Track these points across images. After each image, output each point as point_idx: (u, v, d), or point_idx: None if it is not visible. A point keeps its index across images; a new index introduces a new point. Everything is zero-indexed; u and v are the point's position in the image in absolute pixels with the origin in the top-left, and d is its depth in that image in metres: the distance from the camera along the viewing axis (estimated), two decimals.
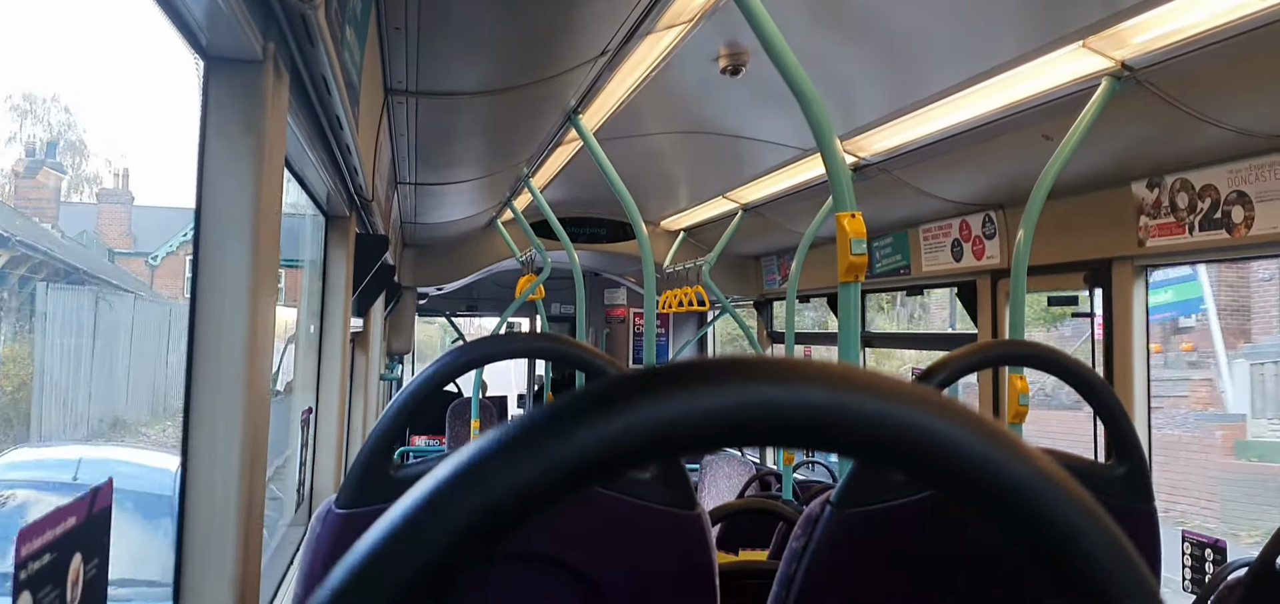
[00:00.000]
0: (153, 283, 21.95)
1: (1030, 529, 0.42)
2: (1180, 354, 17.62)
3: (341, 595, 0.40)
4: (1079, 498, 0.42)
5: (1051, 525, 0.42)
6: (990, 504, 0.42)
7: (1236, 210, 3.62)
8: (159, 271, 22.60)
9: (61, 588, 1.16)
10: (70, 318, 10.21)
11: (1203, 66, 3.06)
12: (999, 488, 0.42)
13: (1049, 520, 0.42)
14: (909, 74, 3.84)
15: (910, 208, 5.55)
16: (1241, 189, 3.59)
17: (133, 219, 23.53)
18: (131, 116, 60.79)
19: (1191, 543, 3.91)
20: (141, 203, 24.36)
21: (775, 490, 5.86)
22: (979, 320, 5.41)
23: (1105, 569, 0.42)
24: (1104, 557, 0.42)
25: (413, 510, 0.40)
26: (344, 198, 3.58)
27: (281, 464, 3.88)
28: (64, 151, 28.66)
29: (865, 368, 0.44)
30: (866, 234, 2.54)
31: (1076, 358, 1.72)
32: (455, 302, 12.24)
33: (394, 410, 1.53)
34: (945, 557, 1.52)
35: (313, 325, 4.12)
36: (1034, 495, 0.42)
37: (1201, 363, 17.00)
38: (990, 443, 0.42)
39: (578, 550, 1.53)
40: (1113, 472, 1.69)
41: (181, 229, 21.78)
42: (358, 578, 0.40)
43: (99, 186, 25.43)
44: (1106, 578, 0.42)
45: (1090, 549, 0.42)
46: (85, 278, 11.42)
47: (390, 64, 3.33)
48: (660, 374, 0.42)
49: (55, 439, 9.58)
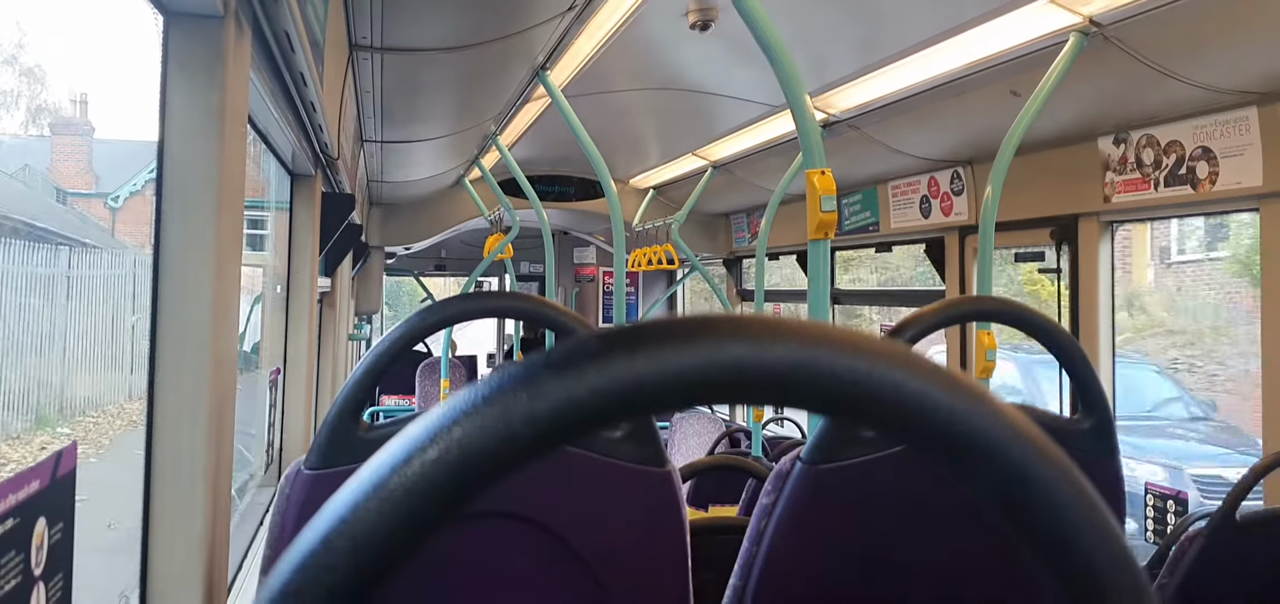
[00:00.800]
0: (114, 228, 19.01)
1: (999, 483, 0.42)
2: None
3: (311, 556, 0.39)
4: (1048, 451, 0.42)
5: (1021, 480, 0.42)
6: (959, 459, 0.42)
7: (1201, 166, 3.64)
8: (122, 215, 19.51)
9: (26, 552, 1.15)
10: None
11: (1169, 22, 3.07)
12: (968, 442, 0.42)
13: (1018, 475, 0.42)
14: (879, 29, 3.84)
15: (879, 164, 5.56)
16: (1207, 145, 3.62)
17: (93, 154, 20.23)
18: (92, 35, 55.15)
19: (1154, 494, 3.96)
20: (105, 135, 21.01)
21: (745, 447, 5.89)
22: (946, 277, 5.44)
23: (1073, 522, 0.42)
24: (1072, 510, 0.42)
25: (382, 472, 0.40)
26: (309, 156, 3.55)
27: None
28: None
29: (836, 325, 0.44)
30: (836, 191, 2.54)
31: (1044, 313, 1.73)
32: (423, 261, 12.19)
33: (363, 371, 1.52)
34: (916, 511, 1.53)
35: (279, 285, 4.09)
36: (1003, 450, 0.42)
37: None
38: (960, 398, 0.42)
39: (547, 509, 1.53)
40: (1079, 426, 1.70)
41: (149, 164, 18.60)
42: (325, 540, 0.39)
43: (53, 117, 21.70)
44: (1075, 530, 0.42)
45: (1058, 502, 0.42)
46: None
47: (355, 19, 3.29)
48: (631, 332, 0.41)
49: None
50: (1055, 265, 4.58)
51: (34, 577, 1.18)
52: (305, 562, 0.39)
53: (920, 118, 4.59)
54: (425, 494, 0.39)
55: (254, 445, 4.04)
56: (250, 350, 4.31)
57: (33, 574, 1.17)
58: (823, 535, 1.51)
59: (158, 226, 1.69)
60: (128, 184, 19.51)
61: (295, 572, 0.40)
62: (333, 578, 0.39)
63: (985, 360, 3.67)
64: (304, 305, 3.98)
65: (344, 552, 0.39)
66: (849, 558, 1.52)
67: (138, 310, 9.46)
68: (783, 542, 1.49)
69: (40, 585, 1.20)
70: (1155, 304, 13.85)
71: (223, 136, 1.71)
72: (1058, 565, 0.42)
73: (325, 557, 0.39)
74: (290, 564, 0.40)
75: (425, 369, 9.44)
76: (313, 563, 0.39)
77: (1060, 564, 0.42)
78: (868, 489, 1.52)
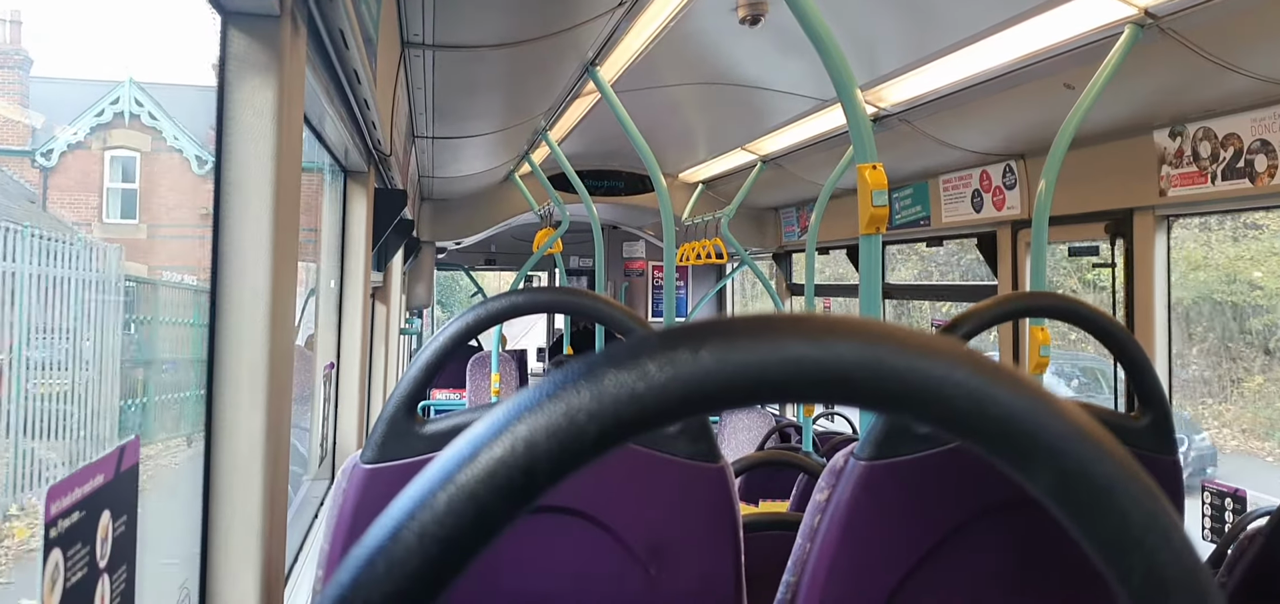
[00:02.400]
0: (46, 195, 14.14)
1: (1061, 482, 0.42)
2: None
3: (379, 551, 0.40)
4: (1112, 450, 0.42)
5: (1084, 478, 0.42)
6: (1021, 457, 0.42)
7: (1259, 159, 3.58)
8: (57, 177, 14.47)
9: (91, 545, 1.17)
10: None
11: (1227, 13, 3.02)
12: (1030, 441, 0.42)
13: (1081, 474, 0.42)
14: (930, 22, 3.81)
15: (930, 158, 5.51)
16: (1265, 138, 3.55)
17: (29, 94, 14.32)
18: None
19: (1211, 492, 3.90)
20: (46, 72, 16.22)
21: (795, 442, 5.88)
22: (999, 272, 5.39)
23: (1138, 522, 0.41)
24: (1138, 510, 0.42)
25: (449, 467, 0.41)
26: (362, 152, 3.58)
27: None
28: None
29: (893, 322, 0.44)
30: (887, 185, 2.53)
31: (1100, 309, 1.71)
32: (474, 256, 12.26)
33: (419, 366, 1.54)
34: (971, 508, 1.52)
35: (332, 280, 4.13)
36: (1065, 448, 0.42)
37: None
38: (1022, 395, 0.42)
39: (601, 503, 1.54)
40: (1137, 423, 1.69)
41: (96, 105, 14.87)
42: (393, 535, 0.40)
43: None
44: (1141, 531, 0.41)
45: (1123, 502, 0.42)
46: None
47: (407, 16, 3.32)
48: (694, 331, 0.42)
49: None
50: (1109, 260, 4.52)
51: (99, 569, 1.20)
52: (374, 557, 0.40)
53: (972, 111, 4.55)
54: (493, 490, 0.40)
55: (306, 440, 4.09)
56: (304, 344, 4.36)
57: (98, 566, 1.20)
58: (877, 532, 1.50)
59: (217, 222, 1.72)
60: (66, 134, 14.59)
61: (364, 566, 0.40)
62: (402, 573, 0.40)
63: (1039, 356, 3.63)
64: (357, 301, 4.02)
65: (412, 547, 0.40)
66: (904, 555, 1.51)
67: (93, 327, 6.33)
68: (837, 538, 1.49)
69: (105, 577, 1.23)
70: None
71: (280, 133, 1.74)
72: (1121, 566, 0.42)
73: (394, 551, 0.40)
74: (359, 559, 0.40)
75: (475, 363, 9.50)
76: (381, 558, 0.40)
77: (1123, 565, 0.42)
78: (923, 485, 1.51)
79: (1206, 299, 13.77)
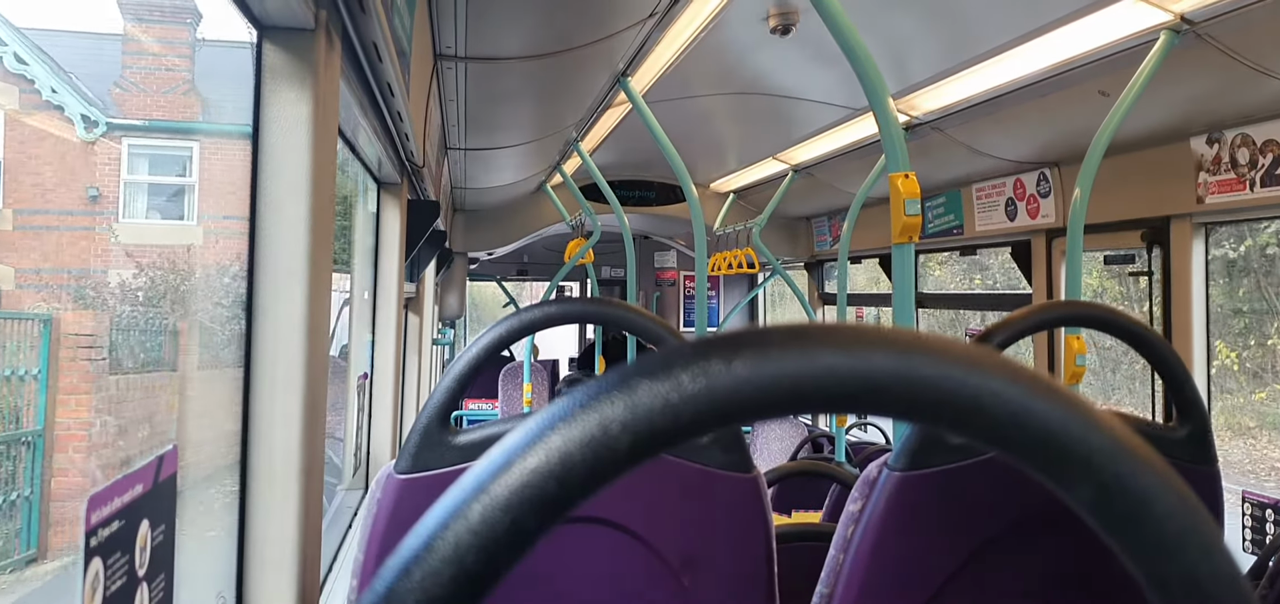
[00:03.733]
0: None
1: (1099, 493, 0.42)
2: None
3: (414, 561, 0.40)
4: (1150, 460, 0.42)
5: (1121, 490, 0.41)
6: (1058, 468, 0.42)
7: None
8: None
9: (130, 554, 1.19)
10: None
11: (1264, 18, 2.99)
12: (1067, 451, 0.42)
13: (1119, 485, 0.41)
14: (962, 29, 3.79)
15: (963, 166, 5.49)
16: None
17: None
18: None
19: (1252, 504, 3.86)
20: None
21: (827, 452, 5.86)
22: (1033, 280, 5.35)
23: (1176, 533, 0.41)
24: (1175, 521, 0.41)
25: (483, 478, 0.41)
26: (395, 164, 3.61)
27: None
28: None
29: (928, 332, 0.44)
30: (920, 194, 2.52)
31: (1137, 317, 1.70)
32: (506, 266, 12.30)
33: (452, 377, 1.55)
34: (1007, 519, 1.51)
35: (366, 292, 4.16)
36: (1103, 459, 0.41)
37: None
38: (1058, 405, 0.42)
39: (633, 513, 1.54)
40: (1175, 434, 1.67)
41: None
42: (428, 545, 0.40)
43: None
44: (1178, 542, 0.41)
45: (1161, 513, 0.41)
46: None
47: (439, 29, 3.34)
48: (727, 341, 0.42)
49: None
50: (1146, 268, 4.48)
51: (138, 577, 1.22)
52: (409, 566, 0.40)
53: (1005, 119, 4.52)
54: (526, 501, 0.40)
55: (340, 449, 4.11)
56: (338, 355, 4.39)
57: (137, 575, 1.21)
58: (912, 544, 1.50)
59: (252, 233, 1.74)
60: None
61: (399, 576, 0.40)
62: (436, 583, 0.40)
63: (1074, 365, 3.60)
64: (390, 311, 4.05)
65: (447, 557, 0.40)
66: (939, 567, 1.50)
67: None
68: (871, 549, 1.48)
69: (143, 586, 1.24)
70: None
71: (314, 146, 1.75)
72: (1159, 578, 0.41)
73: (429, 561, 0.40)
74: (394, 569, 0.41)
75: (508, 373, 9.52)
76: (416, 568, 0.40)
77: (1161, 577, 0.41)
78: (957, 496, 1.50)
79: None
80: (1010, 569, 1.54)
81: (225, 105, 14.14)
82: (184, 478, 1.24)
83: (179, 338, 9.99)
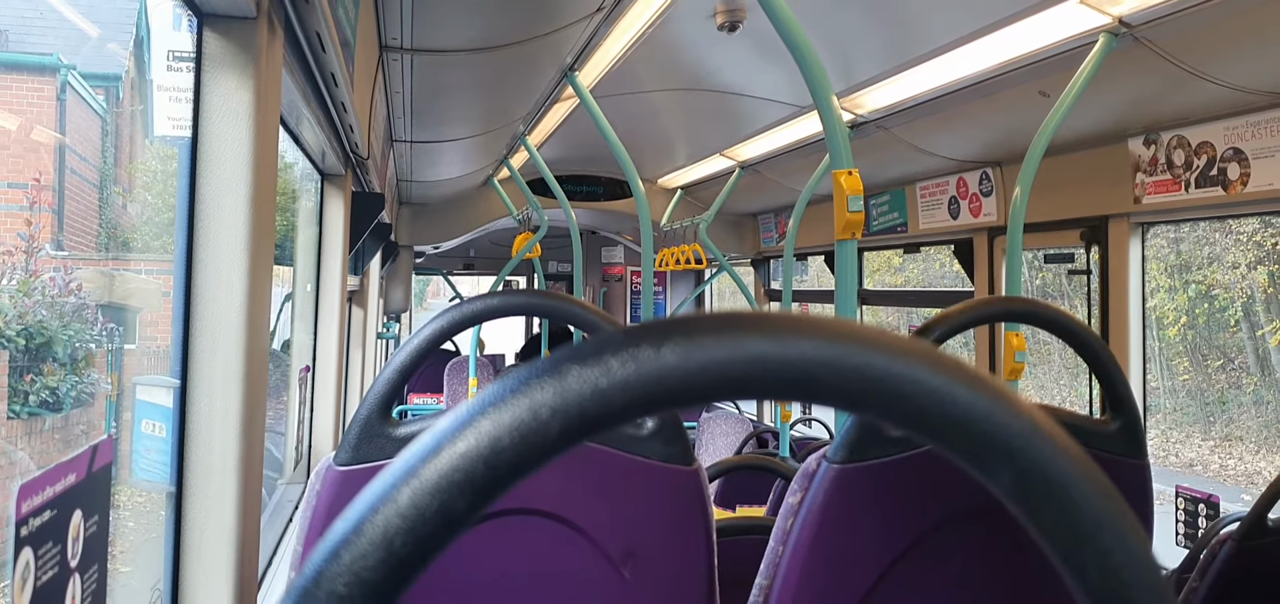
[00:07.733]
0: None
1: (1019, 480, 0.42)
2: None
3: (343, 546, 0.40)
4: (1066, 449, 0.43)
5: (1041, 477, 0.42)
6: (980, 455, 0.43)
7: (1233, 167, 3.61)
8: None
9: (62, 544, 1.17)
10: None
11: (1200, 22, 3.05)
12: (988, 439, 0.42)
13: (1038, 472, 0.42)
14: (907, 29, 3.83)
15: (907, 165, 5.54)
16: (1238, 145, 3.59)
17: None
18: None
19: (1185, 498, 3.93)
20: None
21: (773, 447, 5.89)
22: (975, 278, 5.42)
23: (1093, 520, 0.42)
24: (1091, 508, 0.42)
25: (412, 463, 0.41)
26: (340, 155, 3.57)
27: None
28: None
29: (857, 322, 0.45)
30: (863, 191, 2.54)
31: (1072, 315, 1.73)
32: (452, 260, 12.22)
33: (394, 368, 1.54)
34: (943, 512, 1.53)
35: (309, 284, 4.12)
36: (1022, 447, 0.42)
37: None
38: (980, 394, 0.42)
39: (573, 505, 1.54)
40: (1106, 427, 1.70)
41: None
42: (357, 530, 0.40)
43: None
44: (1095, 529, 0.42)
45: (1078, 500, 0.42)
46: None
47: (385, 20, 3.31)
48: (656, 327, 0.42)
49: None
50: (1085, 267, 4.55)
51: (70, 568, 1.20)
52: (338, 550, 0.40)
53: (949, 118, 4.57)
54: (455, 486, 0.40)
55: (281, 443, 4.07)
56: (280, 348, 4.35)
57: (69, 566, 1.19)
58: (850, 535, 1.51)
59: (190, 224, 1.71)
60: None
61: (328, 559, 0.40)
62: (364, 568, 0.40)
63: (1014, 361, 3.65)
64: (333, 304, 4.01)
65: (376, 542, 0.40)
66: (877, 557, 1.52)
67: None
68: (810, 541, 1.49)
69: (76, 577, 1.22)
70: None
71: (256, 135, 1.73)
72: (1076, 564, 0.42)
73: (357, 546, 0.40)
74: (322, 555, 0.41)
75: (453, 367, 9.47)
76: (345, 553, 0.40)
77: (1078, 563, 0.42)
78: (895, 488, 1.52)
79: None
80: (948, 560, 1.56)
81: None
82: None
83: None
